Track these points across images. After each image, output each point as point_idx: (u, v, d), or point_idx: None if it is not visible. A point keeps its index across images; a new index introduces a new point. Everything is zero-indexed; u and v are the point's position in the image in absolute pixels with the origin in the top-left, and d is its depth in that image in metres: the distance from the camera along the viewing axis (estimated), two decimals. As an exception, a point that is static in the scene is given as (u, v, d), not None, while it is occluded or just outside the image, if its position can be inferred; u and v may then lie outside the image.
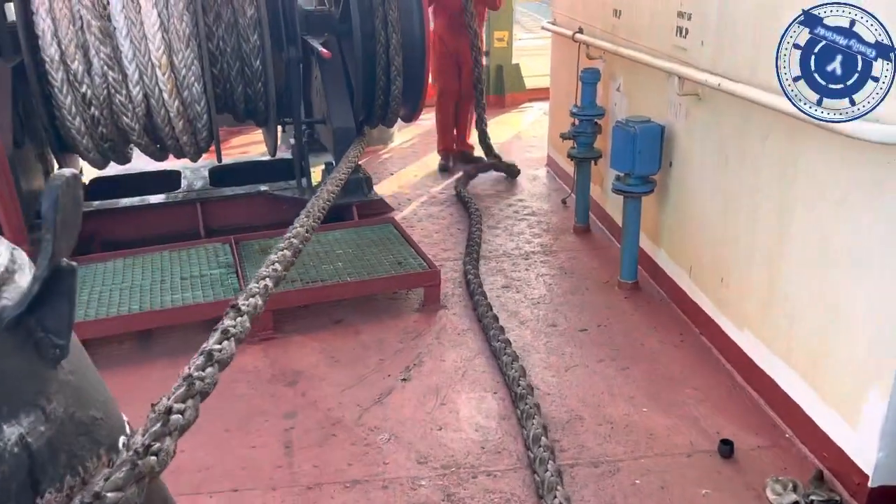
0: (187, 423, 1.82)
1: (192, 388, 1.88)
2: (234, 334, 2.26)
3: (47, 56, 4.49)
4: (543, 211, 5.82)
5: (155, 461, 1.38)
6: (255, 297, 2.50)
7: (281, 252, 2.77)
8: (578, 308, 4.17)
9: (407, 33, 5.25)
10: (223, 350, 2.14)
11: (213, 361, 2.07)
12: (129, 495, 1.32)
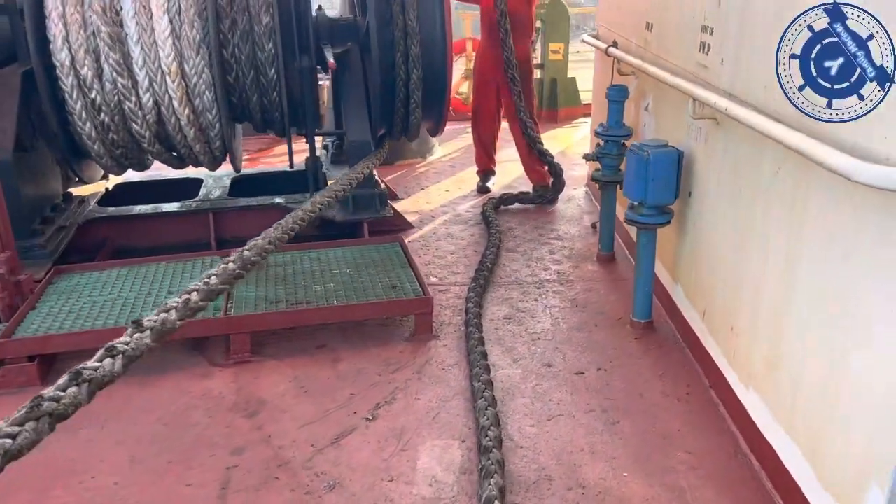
0: (17, 449, 1.59)
1: (37, 409, 1.66)
2: (123, 352, 2.05)
3: (58, 61, 4.47)
4: (569, 235, 5.44)
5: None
6: (168, 313, 2.29)
7: (224, 265, 2.55)
8: (581, 347, 3.80)
9: (427, 44, 4.99)
10: (99, 369, 1.92)
11: (79, 381, 1.86)
12: None
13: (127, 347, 2.06)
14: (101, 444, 3.07)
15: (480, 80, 6.30)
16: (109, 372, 1.96)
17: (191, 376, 3.59)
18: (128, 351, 2.05)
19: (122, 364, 2.01)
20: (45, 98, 4.47)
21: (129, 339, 2.08)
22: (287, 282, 4.19)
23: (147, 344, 2.14)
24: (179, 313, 2.32)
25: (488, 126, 6.40)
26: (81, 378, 1.85)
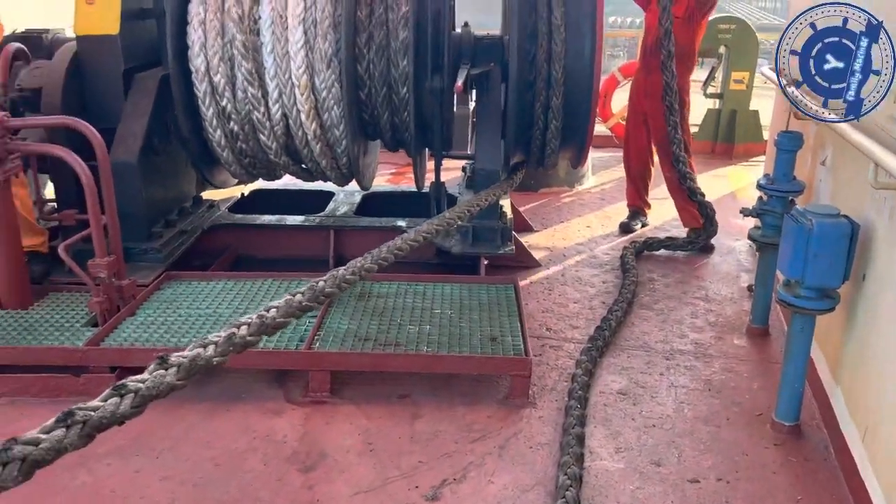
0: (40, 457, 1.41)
1: (5, 454, 1.47)
2: (135, 391, 1.81)
3: (193, 67, 4.47)
4: (719, 297, 4.71)
5: None
6: (204, 349, 2.04)
7: (290, 297, 2.27)
8: (704, 446, 3.15)
9: (572, 67, 4.50)
10: (100, 410, 1.68)
11: (70, 423, 1.64)
12: None
13: (139, 387, 1.81)
14: (149, 477, 2.90)
15: (631, 110, 5.70)
16: (108, 414, 1.71)
17: (261, 411, 3.36)
18: (142, 391, 1.81)
19: (130, 404, 1.76)
20: (178, 103, 4.49)
21: (146, 376, 1.85)
22: (383, 317, 3.88)
23: (167, 384, 1.89)
24: (221, 349, 2.07)
25: (639, 160, 5.77)
26: (72, 419, 1.64)
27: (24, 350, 3.47)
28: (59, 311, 3.92)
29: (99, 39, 4.33)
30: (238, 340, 2.14)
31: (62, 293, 4.14)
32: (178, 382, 1.89)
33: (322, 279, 2.59)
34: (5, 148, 3.64)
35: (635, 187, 5.96)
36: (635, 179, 5.93)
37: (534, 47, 4.51)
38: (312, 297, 2.48)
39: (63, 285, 4.21)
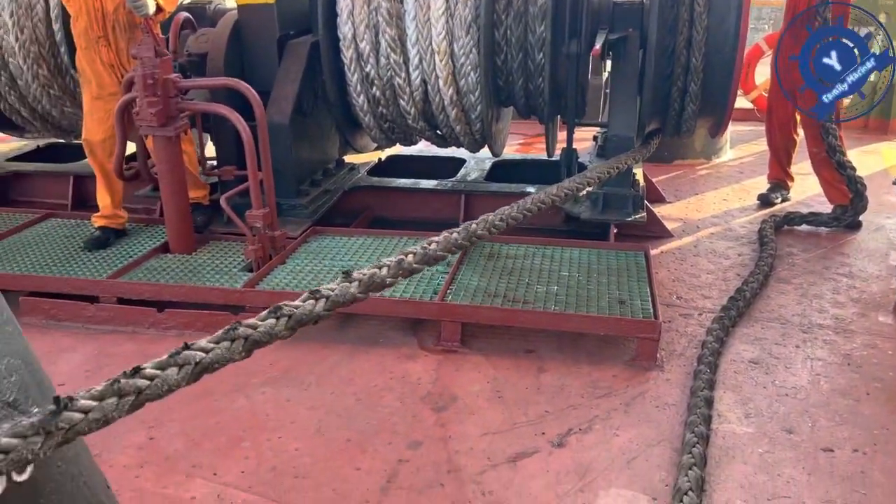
0: (209, 363, 1.63)
1: (233, 332, 1.70)
2: (327, 297, 2.01)
3: (341, 34, 4.73)
4: (864, 274, 4.48)
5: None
6: (380, 269, 2.23)
7: (426, 245, 2.43)
8: (840, 418, 3.07)
9: (714, 33, 4.39)
10: (259, 328, 1.85)
11: (279, 315, 1.87)
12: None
13: (331, 293, 2.02)
14: (298, 405, 3.18)
15: (775, 80, 5.45)
16: (310, 312, 1.93)
17: (397, 355, 3.58)
18: (332, 296, 2.02)
19: (324, 307, 1.97)
20: (326, 69, 4.77)
21: (335, 286, 2.06)
22: (512, 276, 4.00)
23: (353, 294, 2.10)
24: (391, 271, 2.27)
25: (783, 132, 5.53)
26: (281, 312, 1.86)
27: (191, 289, 3.86)
28: (219, 256, 4.31)
29: (257, 8, 4.66)
30: (378, 280, 2.30)
31: (221, 241, 4.54)
32: (323, 313, 2.07)
33: (455, 231, 2.74)
34: (177, 106, 4.03)
35: (778, 160, 5.73)
36: (778, 151, 5.70)
37: (674, 11, 4.43)
38: (445, 246, 2.62)
39: (221, 235, 4.62)
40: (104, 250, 4.43)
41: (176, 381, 1.54)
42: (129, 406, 1.46)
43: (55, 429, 1.34)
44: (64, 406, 1.34)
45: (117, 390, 1.42)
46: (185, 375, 1.58)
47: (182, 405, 3.10)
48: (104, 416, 1.39)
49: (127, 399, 1.46)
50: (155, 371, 1.56)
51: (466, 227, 2.81)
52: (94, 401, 1.38)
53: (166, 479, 2.74)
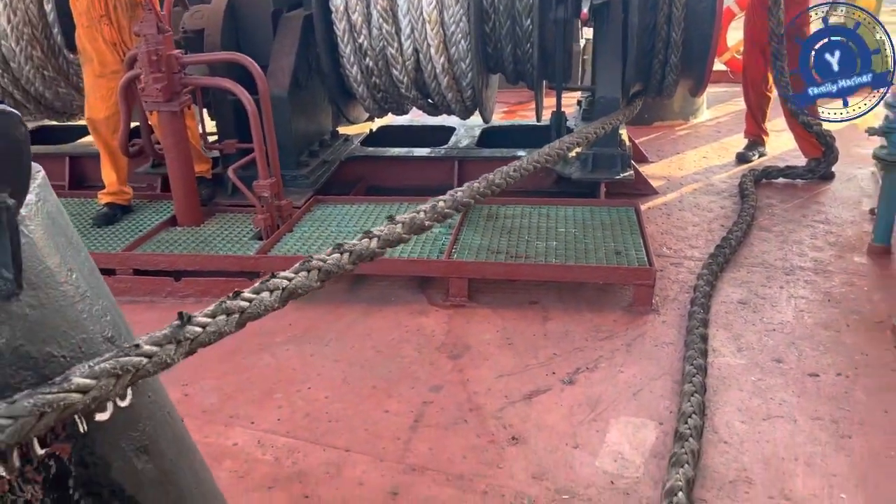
0: (149, 367, 1.77)
1: (225, 304, 1.85)
2: (318, 268, 2.16)
3: (333, 6, 4.85)
4: (839, 220, 4.76)
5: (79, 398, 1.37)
6: (370, 240, 2.39)
7: (434, 203, 2.61)
8: (823, 347, 3.34)
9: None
10: (294, 279, 1.99)
11: (272, 287, 2.02)
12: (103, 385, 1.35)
13: (354, 248, 2.20)
14: (322, 360, 3.37)
15: (748, 42, 5.69)
16: (336, 264, 2.09)
17: (409, 311, 3.78)
18: (355, 250, 2.20)
19: (349, 260, 2.14)
20: (320, 41, 4.89)
21: (384, 229, 2.24)
22: (512, 234, 4.21)
23: (373, 249, 2.28)
24: (405, 227, 2.45)
25: (756, 90, 5.78)
26: (310, 265, 2.02)
27: (206, 258, 4.02)
28: (227, 227, 4.46)
29: (252, -17, 4.76)
30: (394, 236, 2.47)
31: (226, 213, 4.69)
32: (349, 265, 2.25)
33: (459, 190, 2.93)
34: (181, 81, 4.15)
35: (753, 117, 5.98)
36: (753, 109, 5.95)
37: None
38: (452, 204, 2.78)
39: (226, 207, 4.76)
40: (112, 226, 4.55)
41: (270, 303, 1.75)
42: (235, 323, 1.66)
43: (183, 338, 1.54)
44: (188, 319, 1.55)
45: (225, 309, 1.62)
46: (276, 299, 1.78)
47: (212, 364, 3.28)
48: (218, 329, 1.59)
49: (234, 317, 1.67)
50: (252, 295, 1.77)
51: (469, 186, 3.00)
52: (209, 318, 1.58)
53: (207, 429, 2.92)
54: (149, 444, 1.68)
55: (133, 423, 1.65)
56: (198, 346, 1.74)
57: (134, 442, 1.64)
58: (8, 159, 1.29)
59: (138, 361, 1.56)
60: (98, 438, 1.53)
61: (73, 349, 1.50)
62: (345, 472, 2.65)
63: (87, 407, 1.44)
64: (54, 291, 1.48)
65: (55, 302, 1.48)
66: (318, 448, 2.78)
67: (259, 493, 2.56)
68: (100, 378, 1.45)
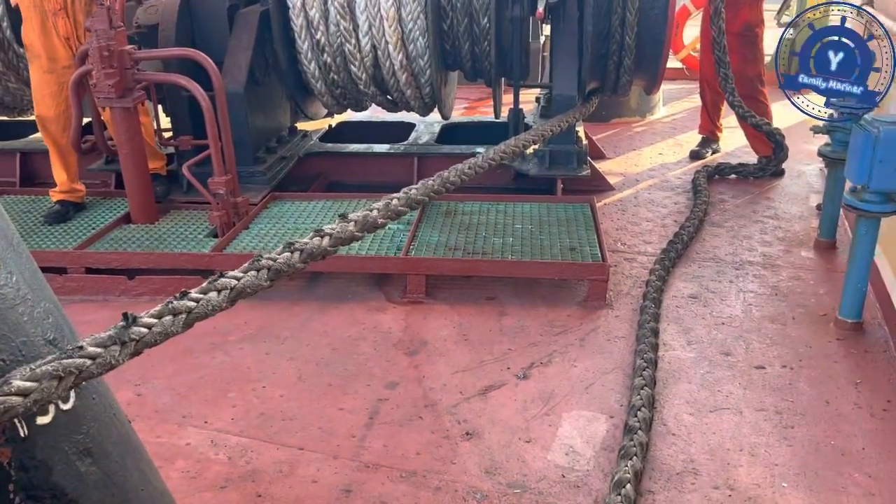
0: (93, 369, 1.74)
1: (172, 304, 1.82)
2: (268, 267, 2.10)
3: (290, 2, 4.82)
4: (788, 215, 4.89)
5: (20, 401, 1.36)
6: (321, 238, 2.37)
7: (366, 212, 2.62)
8: (770, 340, 3.43)
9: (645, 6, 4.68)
10: (243, 279, 1.96)
11: (219, 288, 1.99)
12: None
13: (305, 246, 2.20)
14: (277, 358, 3.37)
15: (704, 40, 5.80)
16: (287, 262, 2.08)
17: (367, 308, 3.79)
18: (306, 249, 2.20)
19: (299, 258, 2.12)
20: (277, 37, 4.86)
21: (308, 240, 2.24)
22: (469, 231, 4.24)
23: (324, 247, 2.28)
24: (358, 226, 2.46)
25: (711, 88, 5.89)
26: (176, 309, 1.97)
27: (160, 256, 3.97)
28: (182, 225, 4.41)
29: (206, -22, 4.71)
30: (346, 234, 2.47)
31: (181, 210, 4.64)
32: (300, 264, 2.24)
33: (414, 188, 2.94)
34: (134, 77, 4.09)
35: (708, 114, 6.10)
36: (708, 107, 6.06)
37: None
38: (406, 202, 2.81)
39: (181, 204, 4.71)
40: (65, 224, 4.47)
41: (218, 303, 1.75)
42: (182, 323, 1.65)
43: (128, 339, 1.54)
44: (133, 320, 1.54)
45: (172, 309, 1.62)
46: (224, 298, 1.78)
47: (164, 364, 3.26)
48: (165, 330, 1.58)
49: (180, 317, 1.66)
50: (199, 295, 1.76)
51: (424, 184, 3.02)
52: (154, 318, 1.57)
53: (159, 430, 2.90)
54: (92, 447, 1.67)
55: (76, 425, 1.64)
56: (143, 347, 1.73)
57: (77, 445, 1.63)
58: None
59: (81, 363, 1.55)
60: (39, 442, 1.52)
61: (14, 352, 1.48)
62: (298, 470, 2.65)
63: (28, 410, 1.44)
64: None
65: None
66: (272, 447, 2.78)
67: (212, 493, 2.55)
68: (41, 381, 1.44)
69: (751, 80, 5.59)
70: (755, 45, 5.59)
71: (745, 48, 5.52)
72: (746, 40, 5.51)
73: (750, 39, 5.55)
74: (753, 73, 5.61)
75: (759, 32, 5.67)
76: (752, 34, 5.56)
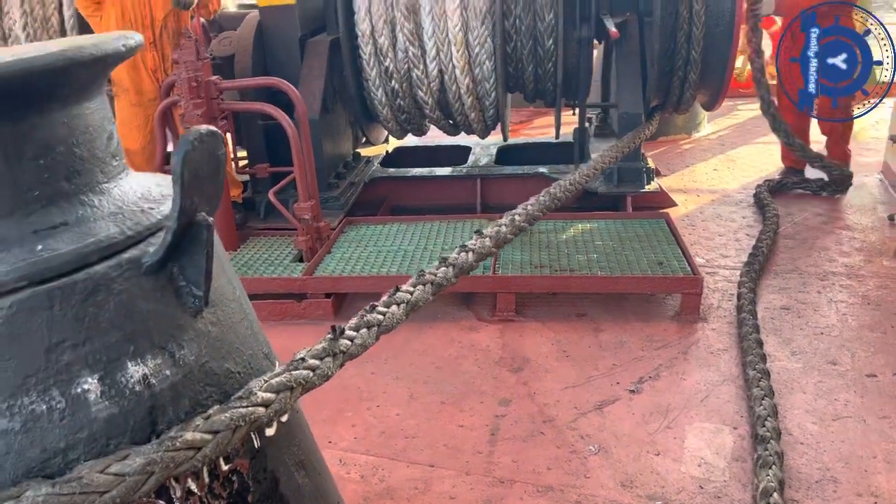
0: (315, 380, 1.79)
1: (365, 318, 1.85)
2: (405, 301, 2.17)
3: (360, 30, 4.92)
4: (861, 226, 4.90)
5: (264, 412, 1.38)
6: (447, 268, 2.43)
7: (497, 228, 2.66)
8: (874, 348, 3.43)
9: (713, 17, 4.74)
10: (386, 315, 2.01)
11: (369, 326, 2.03)
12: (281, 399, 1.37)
13: (475, 248, 2.27)
14: (383, 377, 3.38)
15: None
16: (395, 318, 2.12)
17: (460, 328, 3.81)
18: (476, 249, 2.27)
19: (404, 311, 2.16)
20: (347, 65, 4.95)
21: (475, 242, 2.30)
22: (551, 249, 4.26)
23: (489, 247, 2.36)
24: (508, 228, 2.54)
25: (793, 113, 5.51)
26: (370, 322, 2.02)
27: (253, 280, 4.01)
28: (265, 251, 4.46)
29: (280, 9, 4.81)
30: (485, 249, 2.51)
31: (260, 237, 4.68)
32: (454, 279, 2.30)
33: (528, 204, 2.98)
34: (219, 107, 4.16)
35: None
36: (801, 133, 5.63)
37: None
38: (526, 217, 2.86)
39: (259, 231, 4.76)
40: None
41: (399, 317, 1.81)
42: (375, 336, 1.71)
43: (338, 351, 1.58)
44: (341, 332, 1.59)
45: (366, 322, 1.68)
46: (403, 312, 1.85)
47: (274, 386, 3.26)
48: (364, 342, 1.64)
49: (373, 329, 1.73)
50: (384, 308, 1.83)
51: (536, 199, 3.06)
52: (353, 331, 1.63)
53: (283, 452, 2.90)
54: (304, 459, 1.70)
55: (292, 437, 1.67)
56: (348, 360, 1.78)
57: (294, 457, 1.66)
58: (211, 178, 1.32)
59: (307, 374, 1.59)
60: (269, 454, 1.55)
61: (245, 365, 1.52)
62: (433, 486, 2.65)
63: (271, 420, 1.47)
64: (227, 309, 1.50)
65: (228, 319, 1.50)
66: (402, 464, 2.78)
67: (352, 512, 2.55)
68: (279, 391, 1.48)
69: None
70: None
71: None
72: None
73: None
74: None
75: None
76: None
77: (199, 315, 1.37)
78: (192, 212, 1.27)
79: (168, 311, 1.31)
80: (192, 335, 1.37)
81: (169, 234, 1.26)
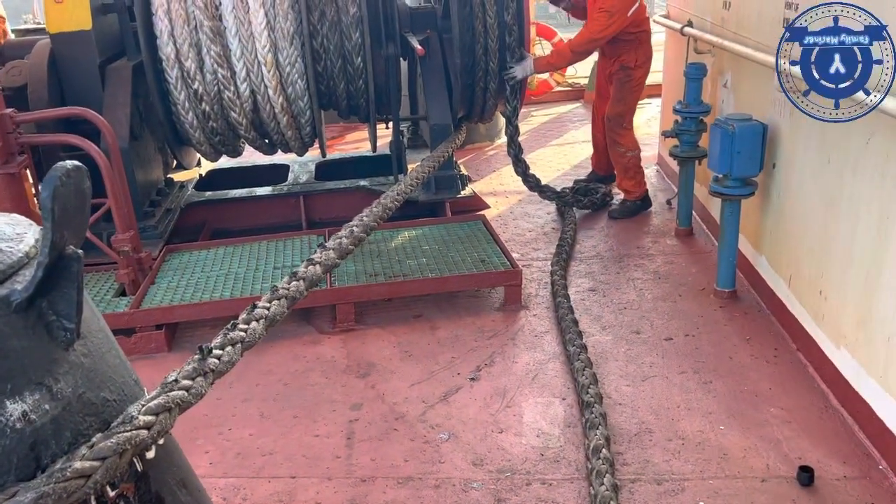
0: (190, 399, 1.85)
1: (229, 336, 1.92)
2: (264, 317, 2.28)
3: (164, 55, 4.79)
4: (644, 212, 5.57)
5: (146, 434, 1.44)
6: (298, 282, 2.54)
7: (338, 240, 2.80)
8: (667, 316, 3.97)
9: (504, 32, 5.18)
10: (248, 331, 2.11)
11: (234, 342, 2.11)
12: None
13: (267, 313, 2.33)
14: (231, 401, 3.37)
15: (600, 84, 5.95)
16: (254, 334, 2.21)
17: (303, 343, 3.88)
18: (268, 316, 2.33)
19: (263, 326, 2.25)
20: (153, 89, 4.81)
21: (268, 304, 2.36)
22: (382, 257, 4.45)
23: (333, 258, 2.48)
24: (349, 239, 2.67)
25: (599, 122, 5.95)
26: (234, 339, 2.10)
27: (74, 320, 3.79)
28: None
29: (74, 35, 4.57)
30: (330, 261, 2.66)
31: (75, 275, 4.41)
32: (306, 291, 2.43)
33: (364, 215, 3.16)
34: (17, 141, 3.90)
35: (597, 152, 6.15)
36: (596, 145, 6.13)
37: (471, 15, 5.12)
38: (363, 228, 3.05)
39: (72, 268, 4.48)
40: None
41: (260, 332, 1.91)
42: (240, 352, 1.79)
43: (208, 370, 1.66)
44: (208, 352, 1.67)
45: (230, 340, 1.77)
46: (262, 327, 1.94)
47: (115, 425, 3.15)
48: (231, 359, 1.72)
49: (238, 346, 1.80)
50: (245, 325, 1.91)
51: (370, 210, 3.25)
52: (219, 349, 1.70)
53: (136, 489, 2.83)
54: (184, 478, 1.75)
55: (170, 458, 1.72)
56: (218, 377, 1.85)
57: (174, 476, 1.71)
58: (78, 212, 1.36)
59: (182, 395, 1.66)
60: (152, 476, 1.59)
61: (119, 392, 1.56)
62: (298, 496, 2.73)
63: (154, 441, 1.53)
64: (95, 339, 1.54)
65: (98, 349, 1.54)
66: (263, 481, 2.82)
67: (219, 535, 2.56)
68: (158, 413, 1.54)
69: (610, 120, 5.56)
70: (624, 86, 5.49)
71: (615, 88, 5.56)
72: (618, 80, 5.52)
73: (621, 80, 5.48)
74: (613, 113, 5.53)
75: (636, 75, 5.50)
76: (626, 75, 5.50)
77: (71, 348, 1.39)
78: (62, 246, 1.30)
79: (41, 346, 1.32)
80: (67, 368, 1.38)
81: (40, 269, 1.28)
